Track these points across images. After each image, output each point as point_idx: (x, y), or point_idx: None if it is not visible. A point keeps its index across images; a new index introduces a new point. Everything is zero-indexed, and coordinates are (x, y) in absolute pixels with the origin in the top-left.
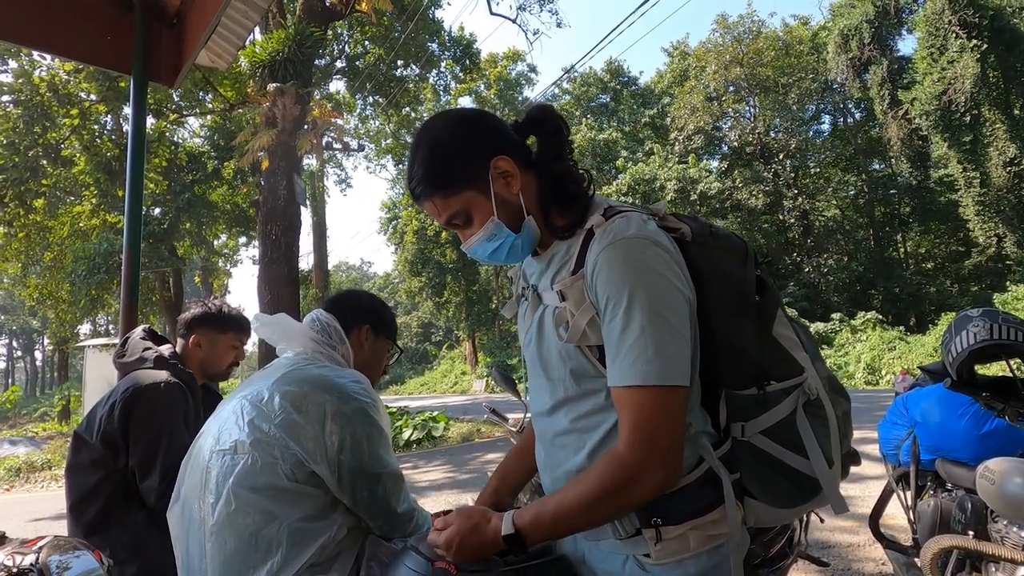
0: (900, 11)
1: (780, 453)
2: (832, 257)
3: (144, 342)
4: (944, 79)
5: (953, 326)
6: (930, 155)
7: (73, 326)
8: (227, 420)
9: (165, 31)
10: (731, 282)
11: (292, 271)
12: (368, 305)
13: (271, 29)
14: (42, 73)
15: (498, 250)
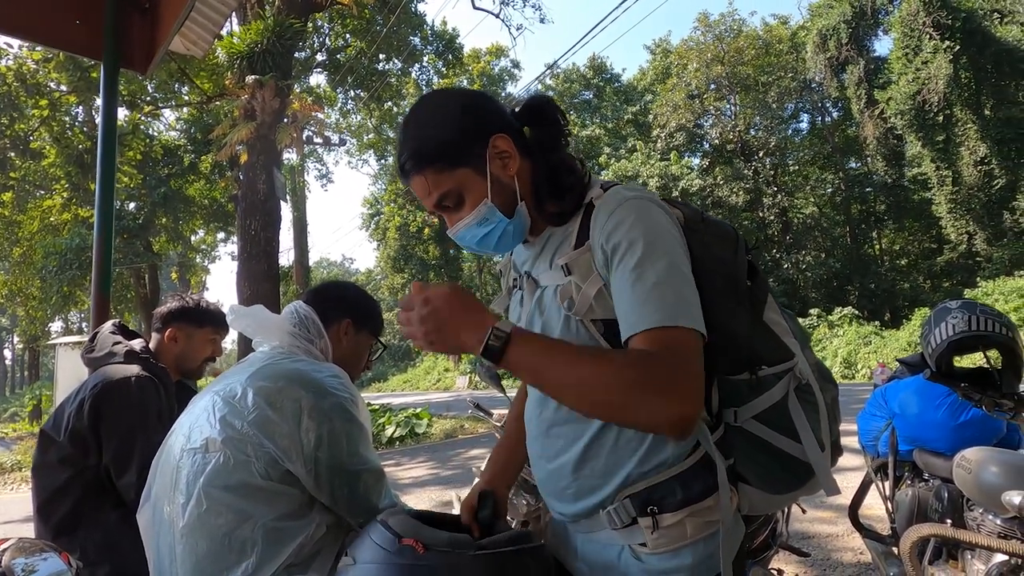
0: (876, 12)
1: (773, 438)
2: (810, 254)
3: (114, 336)
4: (918, 79)
5: (932, 318)
6: (904, 154)
7: (44, 323)
8: (199, 417)
9: (137, 16)
10: (723, 267)
11: (272, 267)
12: (351, 298)
13: (250, 20)
14: (8, 62)
15: (488, 236)
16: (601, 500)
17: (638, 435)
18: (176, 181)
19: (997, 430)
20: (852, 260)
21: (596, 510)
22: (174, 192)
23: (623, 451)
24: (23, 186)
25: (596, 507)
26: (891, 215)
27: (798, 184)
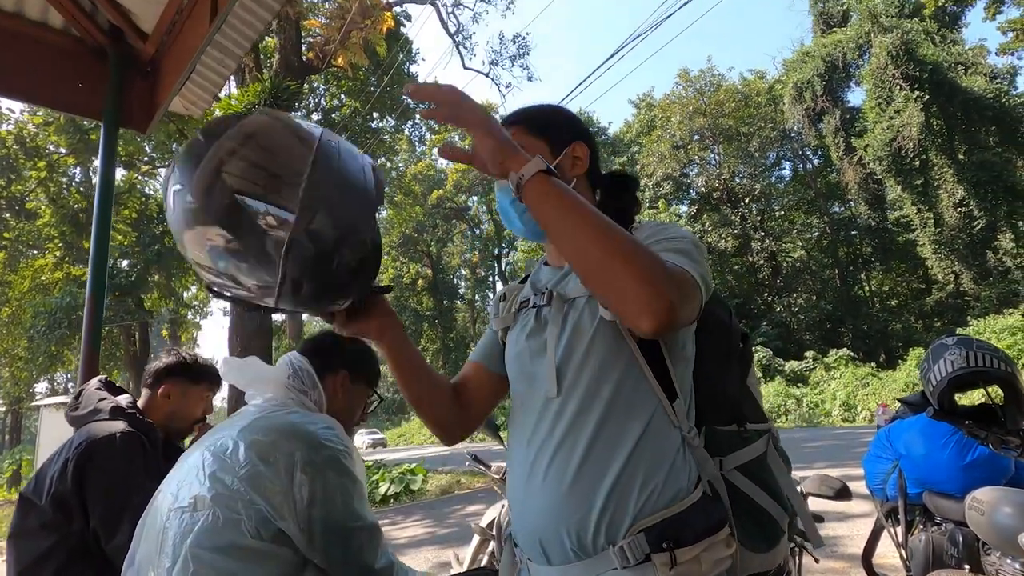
0: (848, 66)
1: (753, 492)
2: (801, 296)
3: (100, 392)
4: (893, 127)
5: (930, 355)
6: (886, 197)
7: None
8: (187, 474)
9: (139, 78)
10: (722, 327)
11: (265, 321)
12: (348, 351)
13: (247, 82)
14: (9, 127)
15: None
16: (611, 536)
17: (659, 464)
18: (170, 238)
19: (1006, 469)
20: (843, 302)
21: (602, 549)
22: (168, 249)
23: (642, 481)
24: (16, 246)
25: (603, 545)
26: (878, 257)
27: (785, 229)
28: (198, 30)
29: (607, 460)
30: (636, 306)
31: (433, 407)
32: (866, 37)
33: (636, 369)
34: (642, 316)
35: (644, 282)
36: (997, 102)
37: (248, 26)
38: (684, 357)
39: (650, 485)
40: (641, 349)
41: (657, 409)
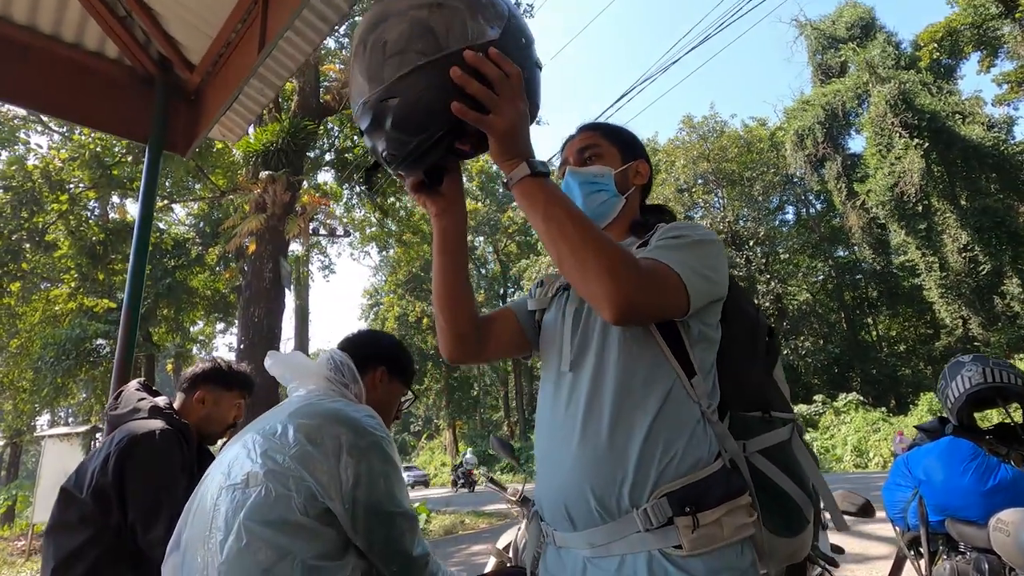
0: (847, 114)
1: (776, 475)
2: (808, 339)
3: (139, 393)
4: (894, 173)
5: (947, 373)
6: (890, 242)
7: (31, 417)
8: (237, 455)
9: (183, 106)
10: (747, 319)
11: None
12: (386, 347)
13: (266, 121)
14: (35, 161)
15: (596, 192)
16: (634, 500)
17: (679, 432)
18: (181, 272)
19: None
20: (851, 346)
21: (626, 512)
22: (178, 283)
23: (663, 448)
24: (30, 278)
25: (627, 508)
26: (884, 301)
27: (790, 272)
28: (243, 62)
29: (629, 427)
30: (598, 295)
31: (458, 312)
32: (864, 87)
33: (654, 345)
34: (602, 305)
35: (605, 275)
36: (996, 150)
37: (289, 58)
38: (705, 339)
39: (671, 452)
40: (660, 330)
41: (675, 383)
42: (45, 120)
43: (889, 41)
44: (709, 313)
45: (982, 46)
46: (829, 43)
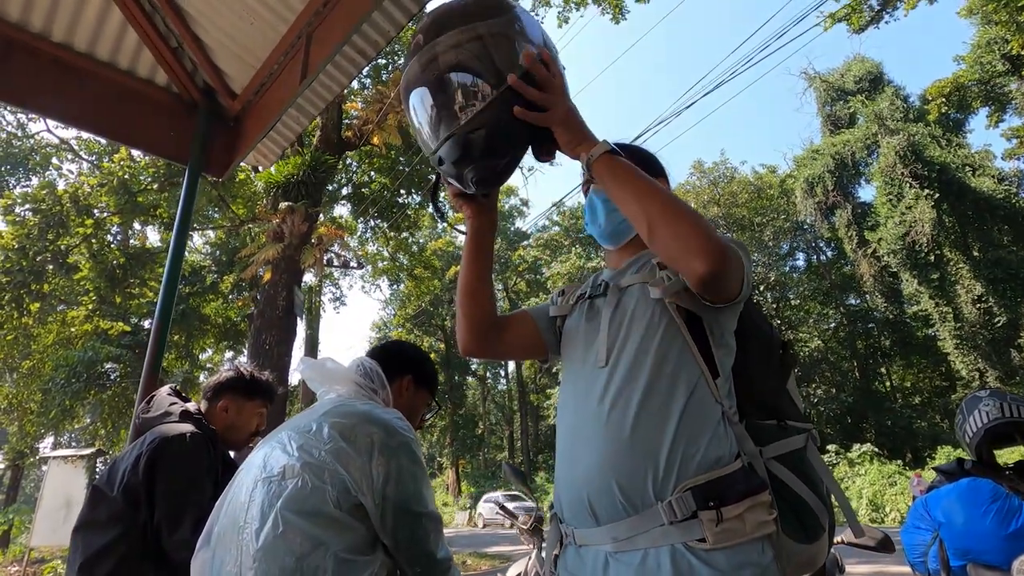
0: (857, 164)
1: (791, 481)
2: (820, 387)
3: (170, 397)
4: (905, 222)
5: (964, 408)
6: (902, 291)
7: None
8: (273, 450)
9: (222, 131)
10: (762, 334)
11: (282, 383)
12: (413, 356)
13: (288, 154)
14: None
15: (615, 207)
16: (659, 493)
17: (703, 429)
18: (195, 299)
19: None
20: (864, 395)
21: (650, 505)
22: (192, 310)
23: (687, 444)
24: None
25: (651, 501)
26: (898, 351)
27: (801, 318)
28: (284, 92)
29: (656, 422)
30: (694, 249)
31: (477, 306)
32: (873, 138)
33: (682, 342)
34: (699, 256)
35: (700, 230)
36: (1007, 203)
37: (327, 89)
38: (725, 344)
39: (695, 447)
40: (691, 328)
41: (700, 381)
42: (76, 148)
43: (897, 94)
44: (731, 318)
45: (990, 102)
46: (838, 95)
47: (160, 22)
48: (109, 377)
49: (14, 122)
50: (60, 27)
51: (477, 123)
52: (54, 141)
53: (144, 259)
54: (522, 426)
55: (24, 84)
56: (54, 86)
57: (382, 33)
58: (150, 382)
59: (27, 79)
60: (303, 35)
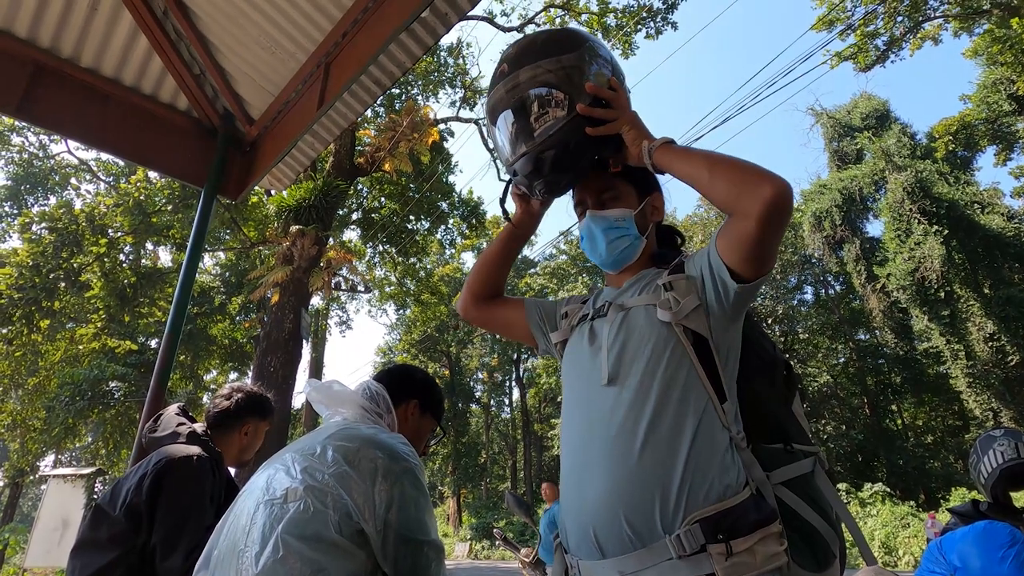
0: (865, 199)
1: (800, 507)
2: (830, 424)
3: (179, 418)
4: (914, 258)
5: (979, 447)
6: (912, 327)
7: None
8: (276, 472)
9: (239, 155)
10: (764, 353)
11: (285, 406)
12: (420, 381)
13: (301, 179)
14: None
15: (619, 239)
16: (667, 526)
17: (711, 457)
18: (203, 320)
19: None
20: (875, 433)
21: (658, 538)
22: (199, 330)
23: (696, 475)
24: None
25: (659, 534)
26: (908, 388)
27: (809, 352)
28: (300, 119)
29: (664, 451)
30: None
31: (491, 276)
32: (881, 174)
33: (689, 365)
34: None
35: (752, 172)
36: (1017, 240)
37: (342, 116)
38: (732, 357)
39: (703, 477)
40: (697, 349)
41: (708, 406)
42: (95, 169)
43: (904, 132)
44: (736, 321)
45: (997, 140)
46: (845, 131)
47: (184, 50)
48: (113, 396)
49: (36, 143)
50: (89, 53)
51: (549, 144)
52: (74, 162)
53: (155, 279)
54: (525, 456)
55: (52, 107)
56: (80, 109)
57: (398, 64)
58: (156, 401)
59: (55, 102)
60: (321, 65)
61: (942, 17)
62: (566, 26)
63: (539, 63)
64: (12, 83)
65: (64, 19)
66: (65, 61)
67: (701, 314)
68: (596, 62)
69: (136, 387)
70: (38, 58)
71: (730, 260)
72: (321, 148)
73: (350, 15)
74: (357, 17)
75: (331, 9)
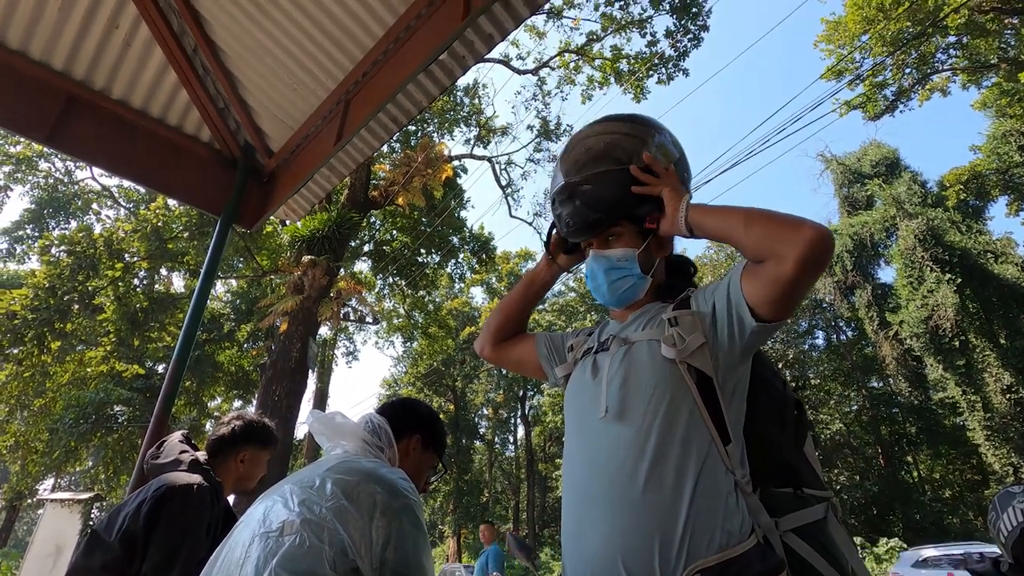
0: (876, 245)
1: (811, 557)
2: (843, 473)
3: (182, 445)
4: (927, 306)
5: (997, 504)
6: (927, 376)
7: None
8: (274, 504)
9: (256, 186)
10: (772, 390)
11: (287, 436)
12: (423, 416)
13: (316, 211)
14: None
15: (622, 279)
16: (667, 575)
17: (714, 503)
18: (211, 346)
19: None
20: (890, 485)
21: None
22: (206, 356)
23: (698, 521)
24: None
25: None
26: (924, 439)
27: (821, 399)
28: (318, 153)
29: (666, 495)
30: (798, 221)
31: (509, 325)
32: (892, 220)
33: (692, 404)
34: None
35: (796, 225)
36: None
37: (359, 151)
38: (738, 395)
39: (706, 523)
40: (701, 388)
41: (711, 448)
42: (116, 195)
43: (915, 180)
44: (744, 361)
45: (1009, 190)
46: (855, 178)
47: (211, 84)
48: (117, 420)
49: (62, 168)
50: (120, 85)
51: (588, 180)
52: (97, 188)
53: (166, 304)
54: (528, 496)
55: (81, 136)
56: (108, 138)
57: (415, 103)
58: (160, 426)
59: (84, 132)
60: (341, 102)
61: (950, 70)
62: None
63: (619, 126)
64: (45, 112)
65: (99, 53)
66: (97, 93)
67: (706, 352)
68: (663, 142)
69: (140, 412)
70: (71, 89)
71: (754, 299)
72: (337, 181)
73: (371, 55)
74: (378, 58)
75: (353, 50)
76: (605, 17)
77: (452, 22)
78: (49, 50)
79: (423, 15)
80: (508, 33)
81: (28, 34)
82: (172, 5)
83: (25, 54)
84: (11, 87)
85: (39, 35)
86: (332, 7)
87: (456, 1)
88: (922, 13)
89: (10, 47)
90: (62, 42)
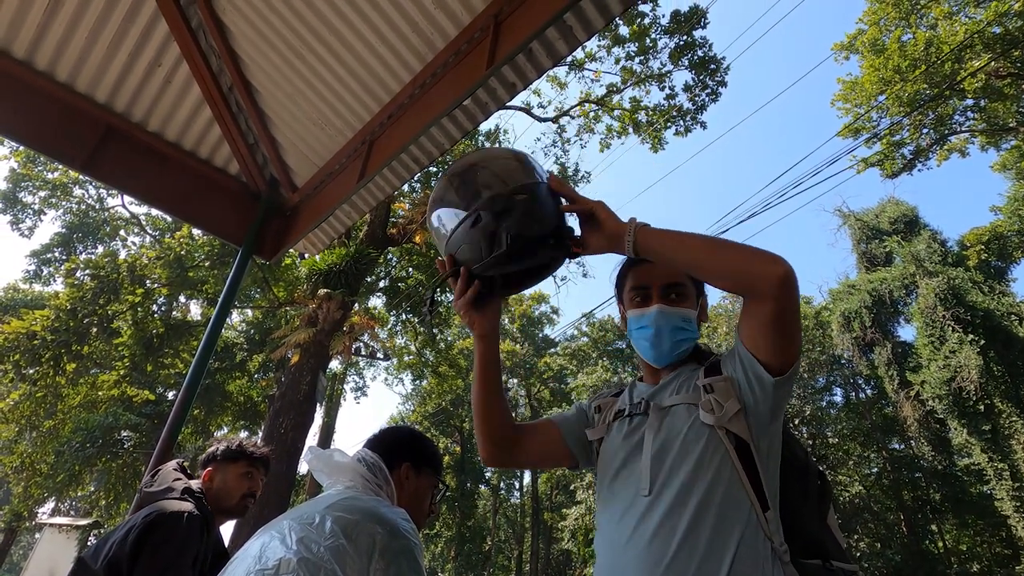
0: (895, 302)
1: None
2: (863, 539)
3: (176, 473)
4: (950, 367)
5: None
6: (951, 440)
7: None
8: (271, 540)
9: (277, 219)
10: (797, 461)
11: (291, 470)
12: (407, 441)
13: (334, 246)
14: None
15: (683, 339)
16: None
17: (753, 571)
18: (221, 375)
19: None
20: (913, 555)
21: None
22: (216, 385)
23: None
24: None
25: None
26: (949, 507)
27: (840, 459)
28: (340, 189)
29: (709, 562)
30: (767, 256)
31: (492, 420)
32: (911, 278)
33: (731, 471)
34: (774, 261)
35: (759, 253)
36: None
37: (380, 189)
38: (773, 455)
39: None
40: (739, 453)
41: (751, 516)
42: (144, 223)
43: (934, 238)
44: (775, 420)
45: None
46: (873, 234)
47: (243, 121)
48: (123, 445)
49: (95, 195)
50: (157, 118)
51: (520, 191)
52: (126, 215)
53: (182, 331)
54: (532, 547)
55: (115, 165)
56: (140, 168)
57: (437, 145)
58: (164, 453)
59: (119, 161)
60: (366, 142)
61: (968, 131)
62: None
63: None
64: (83, 141)
65: (141, 88)
66: (135, 125)
67: (742, 418)
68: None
69: (147, 438)
70: (111, 120)
71: (758, 351)
72: (357, 218)
73: (397, 99)
74: (403, 102)
75: (380, 93)
76: (625, 70)
77: (477, 71)
78: (95, 83)
79: (450, 63)
80: (530, 82)
81: (77, 69)
82: (213, 47)
83: (71, 87)
84: (55, 117)
85: (87, 70)
86: (364, 53)
87: (482, 51)
88: (939, 76)
89: (58, 79)
90: (107, 77)
